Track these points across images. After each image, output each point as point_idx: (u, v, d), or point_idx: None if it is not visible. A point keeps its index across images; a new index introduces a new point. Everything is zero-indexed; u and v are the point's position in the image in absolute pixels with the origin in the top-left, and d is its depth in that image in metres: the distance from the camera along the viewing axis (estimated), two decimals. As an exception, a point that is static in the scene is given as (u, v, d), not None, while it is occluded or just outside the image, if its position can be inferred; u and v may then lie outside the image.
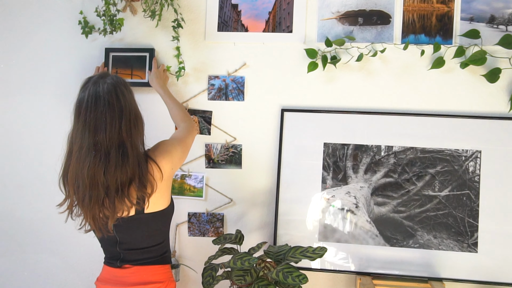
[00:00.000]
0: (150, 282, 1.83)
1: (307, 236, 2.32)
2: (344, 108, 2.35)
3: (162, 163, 1.79)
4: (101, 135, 1.62)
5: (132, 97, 1.74)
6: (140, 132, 1.73)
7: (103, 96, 1.64)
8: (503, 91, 2.27)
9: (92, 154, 1.62)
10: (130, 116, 1.69)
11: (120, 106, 1.66)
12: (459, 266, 2.23)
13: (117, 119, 1.65)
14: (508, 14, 2.27)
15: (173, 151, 1.85)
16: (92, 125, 1.62)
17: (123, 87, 1.71)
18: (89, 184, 1.63)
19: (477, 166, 2.25)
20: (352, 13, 2.36)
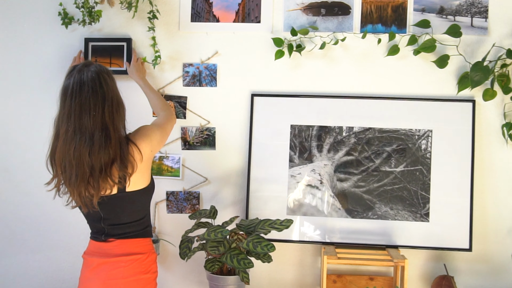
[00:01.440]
0: (132, 253, 1.98)
1: (276, 210, 2.53)
2: (309, 93, 2.56)
3: (142, 145, 1.95)
4: (86, 119, 1.78)
5: (114, 85, 1.90)
6: (121, 117, 1.89)
7: (87, 83, 1.81)
8: (451, 75, 2.50)
9: (78, 137, 1.78)
10: (112, 102, 1.85)
11: (103, 92, 1.82)
12: (413, 234, 2.47)
13: (100, 104, 1.81)
14: (456, 5, 2.49)
15: (152, 135, 2.02)
16: (78, 110, 1.78)
17: (106, 75, 1.87)
18: (76, 164, 1.79)
19: (429, 144, 2.48)
20: (315, 5, 2.55)
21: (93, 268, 1.97)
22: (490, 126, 2.49)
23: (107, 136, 1.81)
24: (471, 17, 2.48)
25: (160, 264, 2.64)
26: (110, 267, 1.94)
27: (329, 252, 2.38)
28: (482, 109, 2.49)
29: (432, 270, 2.52)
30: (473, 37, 2.49)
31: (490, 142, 2.48)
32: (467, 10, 2.48)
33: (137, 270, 1.96)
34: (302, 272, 2.58)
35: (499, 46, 2.44)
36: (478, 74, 2.35)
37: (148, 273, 1.99)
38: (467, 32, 2.47)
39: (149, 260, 2.01)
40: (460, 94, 2.48)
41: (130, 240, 1.99)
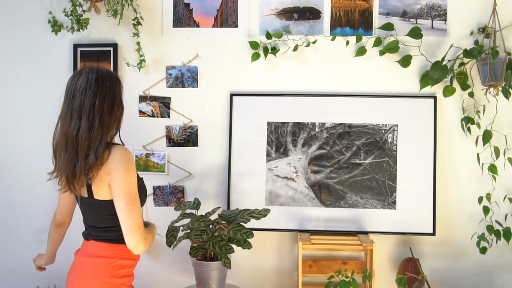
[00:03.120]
0: (99, 256, 1.95)
1: (255, 201, 2.72)
2: (284, 92, 2.75)
3: (109, 164, 1.88)
4: (77, 102, 1.88)
5: (116, 87, 1.95)
6: (114, 116, 1.93)
7: (88, 76, 1.91)
8: (414, 74, 2.71)
9: (69, 119, 1.89)
10: (106, 97, 1.89)
11: (98, 85, 1.89)
12: (381, 221, 2.67)
13: (92, 93, 1.87)
14: (417, 9, 2.70)
15: (121, 170, 1.88)
16: (71, 94, 1.90)
17: (109, 76, 1.94)
18: (65, 145, 1.87)
19: (395, 138, 2.69)
20: (288, 10, 2.75)
21: (72, 265, 2.04)
22: (450, 120, 2.70)
23: (92, 125, 1.86)
24: (432, 19, 2.69)
25: (148, 254, 2.83)
26: (82, 267, 1.97)
27: (304, 238, 2.58)
28: (442, 104, 2.70)
29: (399, 253, 2.73)
30: (433, 38, 2.70)
31: (450, 134, 2.70)
32: (428, 13, 2.69)
33: (102, 273, 1.93)
34: (281, 258, 2.78)
35: (457, 47, 2.66)
36: (437, 73, 2.57)
37: (114, 278, 1.94)
38: (428, 34, 2.69)
39: (116, 265, 1.96)
40: (422, 91, 2.69)
41: (102, 244, 1.98)
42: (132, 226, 1.82)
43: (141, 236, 1.84)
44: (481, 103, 2.65)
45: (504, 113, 2.64)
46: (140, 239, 1.83)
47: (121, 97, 2.00)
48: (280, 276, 2.78)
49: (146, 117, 2.80)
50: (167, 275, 2.82)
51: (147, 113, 2.80)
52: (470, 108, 2.67)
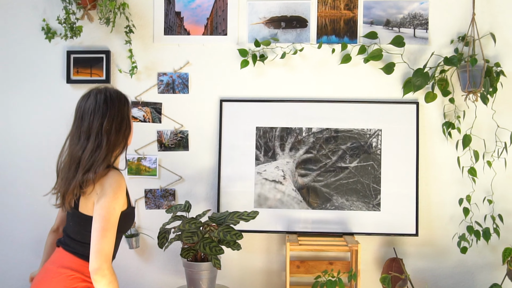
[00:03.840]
0: (61, 266, 1.96)
1: (245, 204, 2.80)
2: (272, 98, 2.84)
3: (100, 188, 1.92)
4: (85, 124, 1.96)
5: (124, 107, 2.02)
6: (121, 136, 1.99)
7: (97, 98, 1.98)
8: (397, 80, 2.81)
9: (76, 138, 1.96)
10: (115, 117, 1.96)
11: (107, 106, 1.96)
12: (366, 222, 2.77)
13: (101, 114, 1.94)
14: (400, 18, 2.81)
15: (108, 196, 1.90)
16: (80, 116, 1.98)
17: (117, 97, 2.01)
18: (69, 164, 1.96)
19: (379, 142, 2.79)
20: (276, 19, 2.84)
21: (39, 270, 2.04)
22: (432, 125, 2.80)
23: (99, 144, 1.93)
24: (414, 28, 2.80)
25: (139, 256, 2.90)
26: (45, 273, 1.98)
27: (292, 240, 2.67)
28: (425, 110, 2.81)
29: (383, 253, 2.82)
30: (415, 46, 2.81)
31: (432, 139, 2.80)
32: (410, 23, 2.80)
33: (61, 284, 1.92)
34: (269, 259, 2.87)
35: (438, 55, 2.76)
36: (419, 79, 2.68)
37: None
38: (410, 42, 2.79)
39: (76, 278, 1.94)
40: (405, 97, 2.80)
41: (70, 255, 1.98)
42: (98, 250, 1.82)
43: (104, 263, 1.81)
44: (461, 109, 2.76)
45: (483, 118, 2.75)
46: (101, 266, 1.81)
47: (129, 116, 2.06)
48: (269, 277, 2.86)
49: (138, 122, 2.87)
50: (158, 276, 2.89)
51: (139, 118, 2.88)
52: (450, 113, 2.77)
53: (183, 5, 2.86)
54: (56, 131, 2.86)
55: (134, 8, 2.86)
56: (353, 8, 2.81)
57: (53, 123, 2.88)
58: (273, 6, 2.83)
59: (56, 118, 2.88)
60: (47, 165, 2.88)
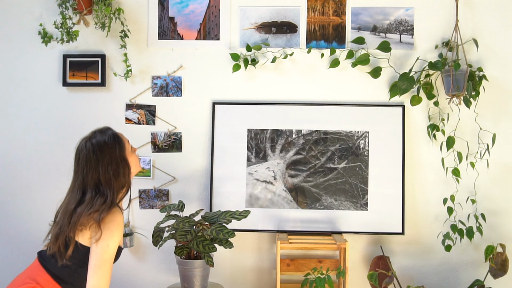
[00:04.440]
0: (29, 277, 2.02)
1: (236, 204, 2.88)
2: (263, 101, 2.93)
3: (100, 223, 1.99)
4: (80, 177, 2.05)
5: (116, 151, 2.08)
6: (122, 179, 2.09)
7: (91, 147, 2.05)
8: (384, 84, 2.91)
9: (75, 193, 2.05)
10: (108, 167, 2.04)
11: (97, 157, 2.03)
12: (354, 222, 2.85)
13: (94, 168, 2.03)
14: (387, 24, 2.91)
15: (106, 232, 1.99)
16: (76, 169, 2.07)
17: (105, 143, 2.07)
18: (64, 213, 2.03)
19: (366, 144, 2.88)
20: (267, 24, 2.93)
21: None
22: (417, 127, 2.90)
23: (98, 196, 2.02)
24: (400, 34, 2.90)
25: (133, 254, 2.97)
26: (13, 282, 2.04)
27: (283, 238, 2.74)
28: (410, 112, 2.90)
29: (371, 252, 2.91)
30: (401, 51, 2.91)
31: (417, 140, 2.90)
32: (396, 28, 2.90)
33: None
34: (260, 257, 2.95)
35: (423, 59, 2.87)
36: (405, 83, 2.78)
37: None
38: (396, 47, 2.89)
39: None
40: (391, 100, 2.89)
41: (42, 270, 2.04)
42: (92, 286, 1.93)
43: None
44: (445, 112, 2.86)
45: (466, 120, 2.85)
46: None
47: (125, 156, 2.12)
48: (260, 275, 2.94)
49: (133, 124, 2.95)
50: (152, 275, 2.96)
51: (133, 121, 2.95)
52: (435, 116, 2.87)
53: (177, 11, 2.95)
54: (52, 132, 2.94)
55: (129, 14, 2.94)
56: (342, 14, 2.91)
57: (50, 125, 2.96)
58: (264, 12, 2.92)
59: (53, 120, 2.95)
60: (44, 166, 2.95)
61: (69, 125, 2.95)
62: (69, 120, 2.96)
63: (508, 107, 2.87)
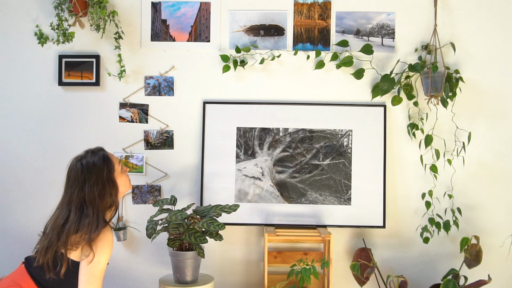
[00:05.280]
0: (14, 281, 2.09)
1: (226, 199, 3.01)
2: (252, 100, 3.07)
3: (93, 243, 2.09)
4: (67, 196, 2.16)
5: (103, 172, 2.18)
6: (108, 200, 2.18)
7: (80, 167, 2.16)
8: (366, 85, 3.06)
9: (63, 209, 2.15)
10: (94, 187, 2.14)
11: (84, 177, 2.14)
12: (338, 216, 2.99)
13: (80, 187, 2.13)
14: (369, 28, 3.06)
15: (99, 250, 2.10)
16: (65, 187, 2.19)
17: (94, 164, 2.17)
18: (52, 229, 2.12)
19: (350, 141, 3.03)
20: (255, 27, 3.07)
21: None
22: (398, 126, 3.05)
23: (84, 215, 2.10)
24: (382, 37, 3.06)
25: (127, 248, 3.08)
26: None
27: (270, 231, 2.88)
28: (391, 112, 3.06)
29: (354, 244, 3.06)
30: (383, 54, 3.06)
31: (398, 138, 3.05)
32: (378, 32, 3.06)
33: None
34: (248, 250, 3.08)
35: (404, 62, 3.02)
36: (386, 84, 2.93)
37: None
38: (378, 50, 3.04)
39: None
40: (373, 100, 3.04)
41: (27, 276, 2.11)
42: None
43: None
44: (424, 111, 3.01)
45: (444, 120, 3.01)
46: None
47: (113, 177, 2.22)
48: (248, 266, 3.08)
49: (126, 122, 3.07)
50: (144, 267, 3.08)
51: (126, 119, 3.07)
52: (415, 115, 3.03)
53: (169, 13, 3.07)
54: (48, 129, 3.06)
55: (123, 16, 3.05)
56: (327, 18, 3.05)
57: (45, 122, 3.07)
58: (253, 15, 3.06)
59: (48, 118, 3.06)
60: (40, 164, 3.06)
61: (64, 123, 3.06)
62: (65, 118, 3.07)
63: (483, 107, 3.03)
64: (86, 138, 3.05)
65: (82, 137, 3.06)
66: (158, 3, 3.07)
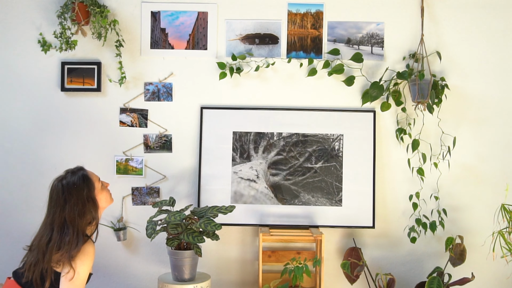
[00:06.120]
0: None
1: (222, 200, 3.13)
2: (247, 106, 3.19)
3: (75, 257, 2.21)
4: (50, 216, 2.28)
5: (83, 191, 2.29)
6: (89, 217, 2.29)
7: (61, 188, 2.27)
8: (357, 92, 3.20)
9: (47, 229, 2.27)
10: (74, 207, 2.24)
11: (65, 198, 2.25)
12: (329, 216, 3.12)
13: (61, 207, 2.24)
14: (360, 37, 3.20)
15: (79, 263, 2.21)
16: (48, 207, 2.31)
17: (73, 185, 2.28)
18: (37, 248, 2.23)
19: (341, 145, 3.16)
20: (251, 36, 3.20)
21: None
22: (387, 130, 3.19)
23: (65, 234, 2.21)
24: (371, 46, 3.20)
25: (126, 247, 3.20)
26: None
27: (264, 231, 3.00)
28: (380, 117, 3.19)
29: (344, 244, 3.19)
30: (373, 62, 3.20)
31: (387, 143, 3.19)
32: (368, 41, 3.20)
33: None
34: (243, 249, 3.20)
35: (392, 69, 3.16)
36: (375, 91, 3.07)
37: None
38: (368, 58, 3.18)
39: None
40: (363, 106, 3.18)
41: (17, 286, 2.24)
42: None
43: None
44: (412, 117, 3.15)
45: (430, 125, 3.14)
46: None
47: (93, 195, 2.33)
48: (243, 265, 3.21)
49: (126, 126, 3.19)
50: (144, 266, 3.20)
51: (127, 123, 3.19)
52: (403, 120, 3.16)
53: (168, 22, 3.20)
54: (51, 133, 3.18)
55: (124, 24, 3.18)
56: (319, 28, 3.19)
57: (49, 126, 3.19)
58: (248, 24, 3.19)
59: (52, 122, 3.19)
60: (42, 165, 3.17)
61: (67, 127, 3.18)
62: (67, 122, 3.19)
63: (467, 113, 3.18)
64: (88, 142, 3.17)
65: (84, 140, 3.18)
66: (157, 13, 3.19)
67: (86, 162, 2.80)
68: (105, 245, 3.15)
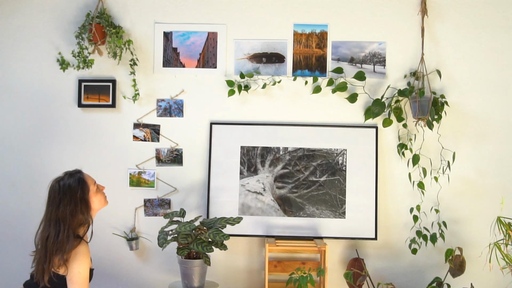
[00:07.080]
0: None
1: (230, 212, 3.26)
2: (254, 121, 3.33)
3: (70, 256, 2.34)
4: (47, 214, 2.42)
5: (77, 193, 2.41)
6: (81, 217, 2.41)
7: (58, 188, 2.41)
8: (360, 108, 3.32)
9: (46, 225, 2.39)
10: (67, 207, 2.37)
11: (60, 197, 2.38)
12: (333, 228, 3.23)
13: (56, 205, 2.38)
14: (362, 56, 3.33)
15: (76, 264, 2.34)
16: (46, 204, 2.44)
17: (69, 186, 2.41)
18: (40, 245, 2.38)
19: (344, 160, 3.29)
20: (258, 55, 3.35)
21: None
22: (388, 145, 3.31)
23: (59, 230, 2.34)
24: (373, 65, 3.33)
25: (138, 257, 3.34)
26: None
27: (271, 242, 3.12)
28: (382, 133, 3.31)
29: (347, 254, 3.30)
30: (375, 80, 3.33)
31: (389, 157, 3.30)
32: (371, 60, 3.33)
33: None
34: (250, 259, 3.32)
35: (393, 87, 3.29)
36: (377, 108, 3.20)
37: None
38: (371, 76, 3.31)
39: None
40: (366, 122, 3.30)
41: None
42: None
43: None
44: (413, 133, 3.26)
45: (430, 140, 3.25)
46: None
47: (87, 197, 2.45)
48: (250, 275, 3.32)
49: (139, 141, 3.34)
50: (155, 274, 3.33)
51: (140, 138, 3.34)
52: (404, 136, 3.28)
53: (179, 42, 3.36)
54: (68, 147, 3.34)
55: (138, 44, 3.34)
56: (323, 47, 3.34)
57: (66, 141, 3.35)
58: (256, 44, 3.34)
59: (69, 136, 3.35)
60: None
61: (83, 141, 3.34)
62: (84, 137, 3.35)
63: (466, 129, 3.29)
64: (103, 155, 3.33)
65: (99, 154, 3.34)
66: (169, 33, 3.36)
67: (101, 175, 2.97)
68: (118, 254, 3.30)
